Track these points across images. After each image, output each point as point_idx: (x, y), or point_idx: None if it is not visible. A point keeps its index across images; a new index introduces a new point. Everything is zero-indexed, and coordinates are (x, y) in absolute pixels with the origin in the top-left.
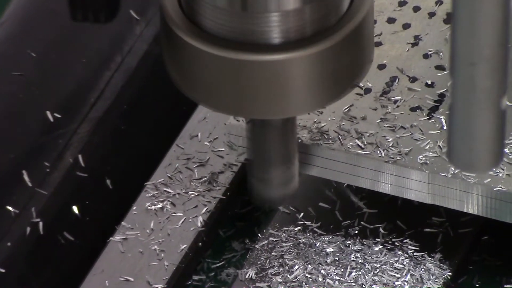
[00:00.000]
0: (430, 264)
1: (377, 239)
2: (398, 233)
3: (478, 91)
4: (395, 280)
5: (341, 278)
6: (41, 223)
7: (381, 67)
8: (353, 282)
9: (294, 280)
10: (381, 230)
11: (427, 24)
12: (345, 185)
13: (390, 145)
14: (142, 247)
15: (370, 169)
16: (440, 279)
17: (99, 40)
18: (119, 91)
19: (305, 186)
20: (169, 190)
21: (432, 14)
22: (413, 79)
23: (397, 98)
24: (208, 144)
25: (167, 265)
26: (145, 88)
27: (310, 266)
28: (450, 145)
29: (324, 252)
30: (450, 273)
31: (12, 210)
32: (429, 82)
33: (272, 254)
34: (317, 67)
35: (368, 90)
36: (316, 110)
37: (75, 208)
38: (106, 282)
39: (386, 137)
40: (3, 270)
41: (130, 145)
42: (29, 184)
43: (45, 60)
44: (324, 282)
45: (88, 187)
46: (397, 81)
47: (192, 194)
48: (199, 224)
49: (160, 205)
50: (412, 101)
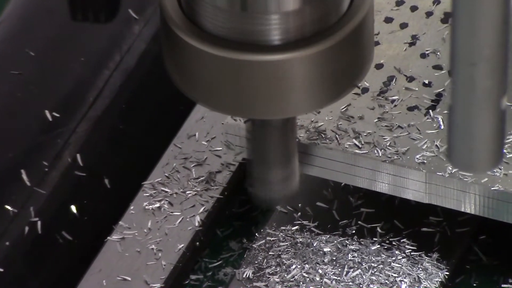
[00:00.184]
0: (428, 264)
1: (375, 239)
2: (396, 233)
3: (478, 91)
4: (393, 280)
5: (339, 278)
6: (39, 222)
7: (379, 67)
8: (351, 282)
9: (292, 280)
10: (379, 230)
11: (425, 24)
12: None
13: (388, 145)
14: (140, 247)
15: (368, 169)
16: (438, 279)
17: (98, 39)
18: (118, 90)
19: (303, 186)
20: (167, 190)
21: (430, 14)
22: (411, 79)
23: (395, 98)
24: (206, 144)
25: (165, 265)
26: (144, 88)
27: (308, 266)
28: (450, 145)
29: (322, 252)
30: (448, 273)
31: (11, 209)
32: (427, 82)
33: (270, 254)
34: (317, 67)
35: (366, 90)
36: (316, 110)
37: (73, 208)
38: (104, 282)
39: (384, 137)
40: (1, 269)
41: (128, 145)
42: (28, 183)
43: (44, 59)
44: (322, 282)
45: (86, 187)
46: (395, 81)
47: (190, 194)
48: (197, 224)
49: (158, 205)
50: (410, 101)
